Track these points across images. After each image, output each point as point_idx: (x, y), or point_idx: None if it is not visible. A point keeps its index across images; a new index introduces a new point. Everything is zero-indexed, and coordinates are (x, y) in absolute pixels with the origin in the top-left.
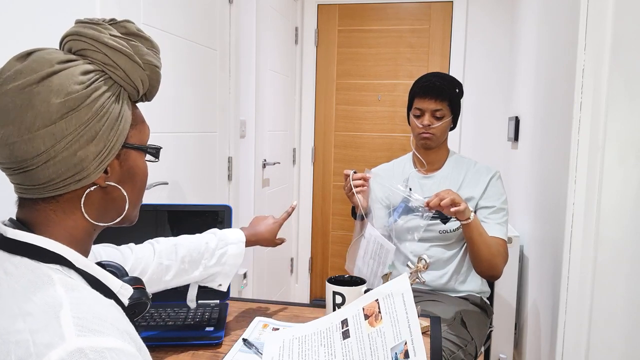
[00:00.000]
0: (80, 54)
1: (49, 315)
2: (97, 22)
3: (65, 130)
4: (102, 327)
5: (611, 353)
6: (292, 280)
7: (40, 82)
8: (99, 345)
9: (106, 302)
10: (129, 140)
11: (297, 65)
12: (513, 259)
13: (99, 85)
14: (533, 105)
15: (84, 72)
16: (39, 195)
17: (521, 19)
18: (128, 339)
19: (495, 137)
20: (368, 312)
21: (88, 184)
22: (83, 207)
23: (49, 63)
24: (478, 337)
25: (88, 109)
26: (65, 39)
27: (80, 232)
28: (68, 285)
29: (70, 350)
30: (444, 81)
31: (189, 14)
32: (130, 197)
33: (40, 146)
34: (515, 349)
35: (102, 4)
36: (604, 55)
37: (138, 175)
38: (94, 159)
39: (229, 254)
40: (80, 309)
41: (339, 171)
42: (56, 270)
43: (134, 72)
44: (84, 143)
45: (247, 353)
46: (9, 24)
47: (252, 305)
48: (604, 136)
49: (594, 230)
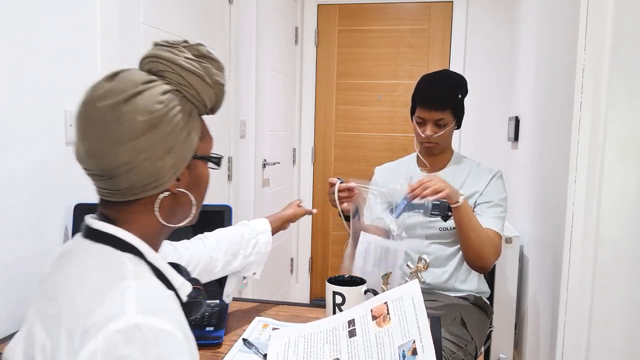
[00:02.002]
0: (159, 75)
1: (117, 293)
2: (173, 44)
3: (146, 144)
4: (160, 311)
5: (611, 353)
6: (292, 280)
7: (127, 101)
8: (154, 325)
9: (167, 293)
10: (197, 151)
11: (297, 65)
12: (513, 259)
13: (175, 104)
14: (533, 105)
15: (163, 92)
16: (119, 199)
17: (521, 19)
18: (180, 327)
19: (495, 137)
20: (376, 314)
21: (162, 190)
22: (157, 210)
23: (133, 84)
24: (478, 337)
25: (166, 125)
26: (145, 60)
27: (152, 230)
28: (137, 272)
29: (129, 324)
30: (446, 88)
31: (189, 14)
32: (196, 201)
33: (124, 158)
34: (515, 349)
35: (103, 3)
36: (604, 55)
37: (203, 181)
38: (169, 169)
39: (261, 243)
40: (144, 293)
41: (339, 171)
42: (129, 258)
43: (204, 91)
44: (161, 155)
45: (247, 353)
46: (9, 23)
47: (252, 305)
48: (604, 136)
49: (594, 230)
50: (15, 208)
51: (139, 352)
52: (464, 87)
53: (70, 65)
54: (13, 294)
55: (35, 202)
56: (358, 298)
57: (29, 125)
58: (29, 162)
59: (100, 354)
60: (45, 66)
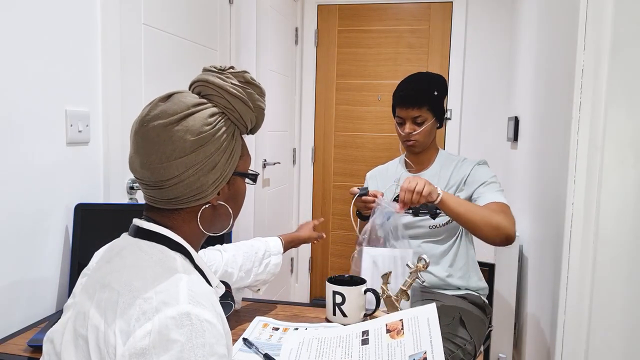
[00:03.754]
0: (208, 98)
1: (171, 283)
2: (222, 70)
3: (194, 161)
4: (207, 303)
5: (611, 352)
6: (292, 280)
7: (179, 122)
8: (202, 316)
9: (210, 289)
10: (237, 168)
11: (297, 66)
12: (512, 259)
13: (221, 125)
14: (532, 106)
15: (211, 114)
16: (166, 207)
17: (520, 20)
18: (221, 321)
19: (494, 137)
20: (390, 328)
21: (205, 202)
22: (199, 220)
23: (185, 106)
24: (477, 336)
25: (212, 145)
26: (195, 84)
27: (193, 236)
28: (187, 268)
29: (181, 312)
30: (421, 85)
31: (189, 15)
32: (233, 213)
33: (174, 172)
34: (514, 348)
35: (103, 4)
36: (603, 55)
37: (240, 195)
38: (212, 184)
39: (272, 264)
40: (194, 285)
41: (339, 171)
42: (179, 256)
43: (247, 114)
44: (206, 171)
45: (247, 352)
46: (9, 23)
47: (252, 304)
48: (603, 136)
49: (593, 230)
50: (15, 208)
51: (186, 338)
52: (441, 85)
53: (71, 65)
54: (14, 293)
55: (35, 202)
56: (358, 298)
57: (29, 125)
58: (29, 162)
59: (154, 335)
60: (45, 66)
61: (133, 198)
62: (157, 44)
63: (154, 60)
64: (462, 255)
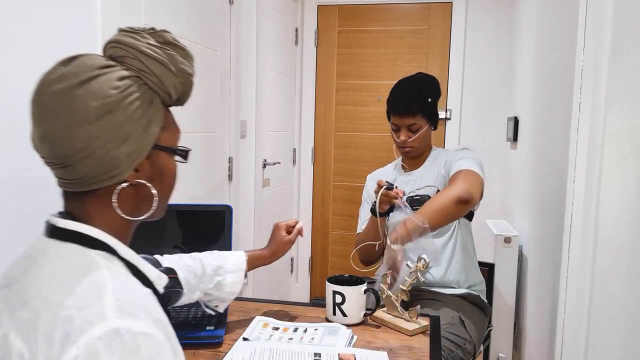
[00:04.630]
0: (119, 61)
1: (94, 294)
2: (137, 31)
3: (101, 131)
4: (139, 312)
5: (610, 352)
6: (292, 279)
7: (80, 85)
8: (134, 329)
9: (144, 290)
10: (159, 142)
11: (297, 66)
12: (512, 259)
13: (133, 90)
14: (532, 106)
15: (120, 77)
16: (77, 188)
17: (520, 20)
18: (160, 326)
19: (494, 137)
20: (343, 358)
21: (120, 180)
22: (116, 202)
23: (89, 68)
24: (477, 336)
25: (122, 112)
26: (106, 46)
27: (118, 224)
28: (112, 269)
29: (109, 329)
30: (415, 93)
31: (189, 15)
32: (160, 195)
33: (77, 145)
34: (514, 348)
35: (104, 4)
36: (603, 55)
37: (167, 174)
38: (125, 158)
39: (227, 282)
40: (122, 293)
41: (339, 171)
42: (101, 255)
43: (168, 79)
44: (117, 143)
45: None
46: (9, 24)
47: (253, 304)
48: (603, 136)
49: (593, 230)
50: (16, 208)
51: (119, 358)
52: (434, 89)
53: None
54: None
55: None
56: (358, 297)
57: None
58: (29, 162)
59: None
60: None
61: None
62: None
63: None
64: (459, 249)
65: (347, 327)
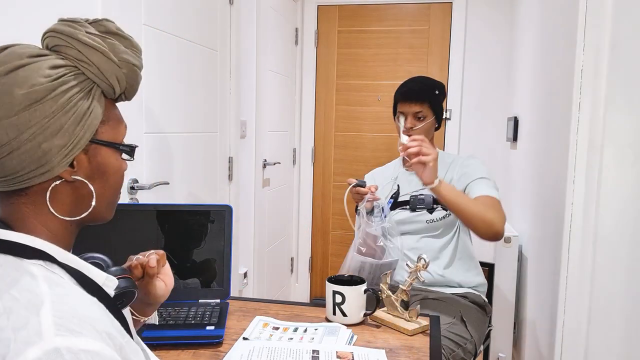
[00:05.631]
0: (55, 50)
1: (30, 312)
2: (76, 20)
3: (29, 122)
4: (81, 327)
5: (610, 352)
6: (293, 279)
7: (7, 74)
8: (76, 347)
9: (88, 301)
10: (98, 136)
11: (297, 66)
12: (512, 259)
13: (68, 79)
14: (532, 106)
15: (53, 66)
16: (6, 187)
17: (520, 20)
18: (107, 340)
19: (494, 137)
20: (341, 355)
21: (52, 177)
22: (49, 201)
23: (19, 56)
24: (477, 335)
25: (53, 102)
26: (43, 35)
27: (57, 227)
28: (52, 280)
29: (47, 350)
30: (423, 84)
31: (189, 15)
32: (101, 194)
33: (3, 137)
34: (514, 348)
35: (103, 4)
36: (603, 55)
37: (109, 172)
38: (58, 152)
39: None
40: (61, 307)
41: (339, 171)
42: (39, 265)
43: (108, 69)
44: (48, 136)
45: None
46: (9, 24)
47: (253, 304)
48: (603, 136)
49: (593, 230)
50: None
51: None
52: (441, 88)
53: None
54: None
55: None
56: (358, 297)
57: None
58: None
59: None
60: None
61: (134, 198)
62: (157, 44)
63: (154, 60)
64: (460, 250)
65: (347, 327)
